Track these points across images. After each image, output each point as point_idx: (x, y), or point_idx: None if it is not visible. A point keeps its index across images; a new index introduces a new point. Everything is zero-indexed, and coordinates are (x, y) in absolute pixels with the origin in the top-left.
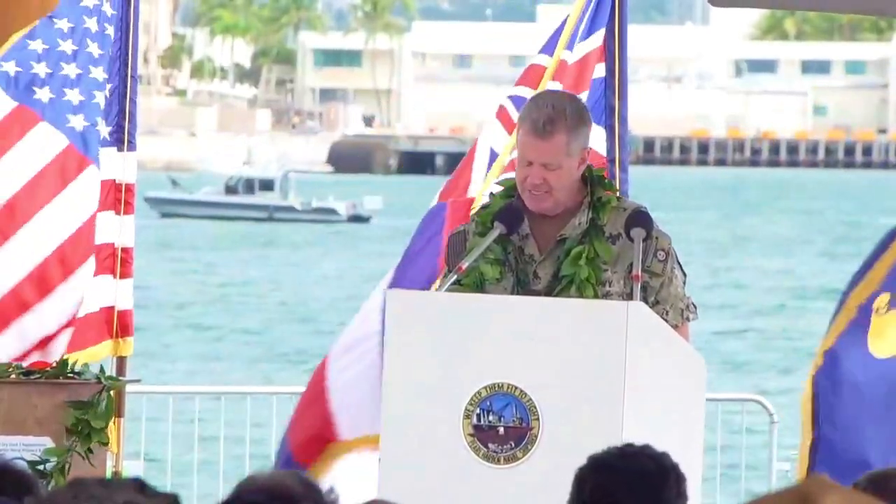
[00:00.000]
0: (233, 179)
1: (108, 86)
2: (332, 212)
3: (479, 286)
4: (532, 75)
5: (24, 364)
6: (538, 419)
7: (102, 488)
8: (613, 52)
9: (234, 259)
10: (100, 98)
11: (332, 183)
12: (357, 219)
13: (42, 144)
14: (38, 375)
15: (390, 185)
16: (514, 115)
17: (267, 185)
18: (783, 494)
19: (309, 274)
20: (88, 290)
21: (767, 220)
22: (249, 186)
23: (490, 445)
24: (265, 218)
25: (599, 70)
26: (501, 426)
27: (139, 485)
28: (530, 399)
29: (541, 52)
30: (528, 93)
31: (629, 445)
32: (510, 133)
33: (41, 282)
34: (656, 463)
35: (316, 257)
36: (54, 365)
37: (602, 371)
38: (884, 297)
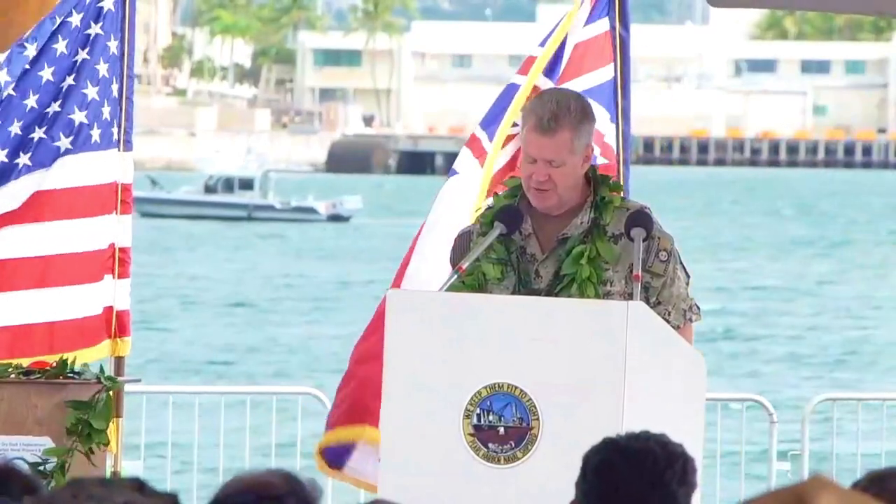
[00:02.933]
0: (212, 178)
1: (116, 85)
2: (312, 211)
3: (481, 286)
4: (526, 65)
5: (25, 364)
6: (538, 419)
7: (102, 488)
8: (616, 51)
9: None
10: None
11: (322, 182)
12: (336, 218)
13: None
14: (38, 375)
15: (373, 184)
16: (487, 145)
17: (246, 185)
18: (780, 493)
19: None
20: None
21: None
22: (229, 185)
23: (490, 445)
24: (245, 217)
25: (609, 72)
26: (501, 426)
27: (139, 484)
28: (530, 399)
29: (539, 44)
30: (521, 80)
31: (645, 432)
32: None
33: (63, 271)
34: (664, 448)
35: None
36: (54, 365)
37: (602, 371)
38: None
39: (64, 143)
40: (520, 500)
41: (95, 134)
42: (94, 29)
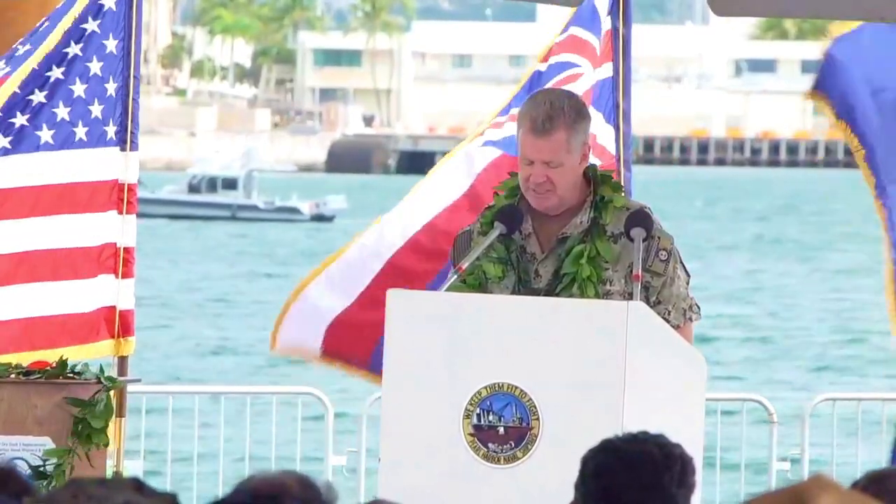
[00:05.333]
0: (196, 178)
1: (115, 85)
2: (296, 211)
3: (482, 285)
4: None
5: (25, 364)
6: (538, 419)
7: (101, 488)
8: (619, 51)
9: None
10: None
11: (307, 182)
12: (320, 218)
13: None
14: (38, 375)
15: (363, 184)
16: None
17: (230, 184)
18: (780, 494)
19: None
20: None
21: None
22: (212, 185)
23: (490, 445)
24: (228, 217)
25: (607, 70)
26: (501, 426)
27: (137, 484)
28: (530, 399)
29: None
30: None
31: (643, 432)
32: None
33: (56, 266)
34: (662, 450)
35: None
36: (54, 365)
37: (602, 371)
38: None
39: (45, 135)
40: (520, 500)
41: (81, 132)
42: (92, 25)
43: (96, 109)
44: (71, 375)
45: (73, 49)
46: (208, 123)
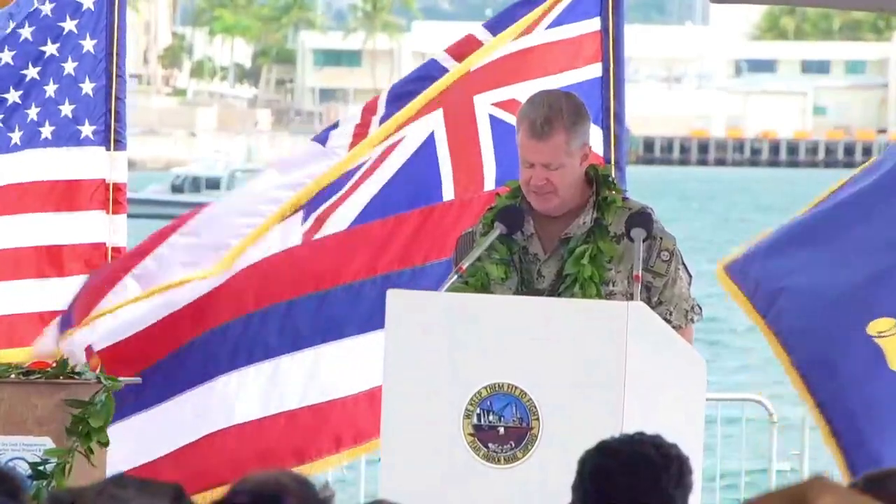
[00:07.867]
0: (179, 178)
1: (92, 84)
2: None
3: (485, 286)
4: (463, 48)
5: (25, 364)
6: (538, 419)
7: (120, 489)
8: (608, 51)
9: None
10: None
11: None
12: None
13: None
14: (38, 375)
15: None
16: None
17: (213, 184)
18: (780, 494)
19: None
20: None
21: None
22: (196, 185)
23: (490, 445)
24: None
25: (595, 70)
26: (501, 426)
27: (177, 493)
28: (530, 399)
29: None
30: (451, 64)
31: (639, 433)
32: None
33: (48, 262)
34: (659, 451)
35: None
36: (54, 365)
37: (602, 371)
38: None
39: (14, 136)
40: (520, 500)
41: (46, 131)
42: (69, 24)
43: (66, 109)
44: (71, 375)
45: (50, 48)
46: (208, 123)
